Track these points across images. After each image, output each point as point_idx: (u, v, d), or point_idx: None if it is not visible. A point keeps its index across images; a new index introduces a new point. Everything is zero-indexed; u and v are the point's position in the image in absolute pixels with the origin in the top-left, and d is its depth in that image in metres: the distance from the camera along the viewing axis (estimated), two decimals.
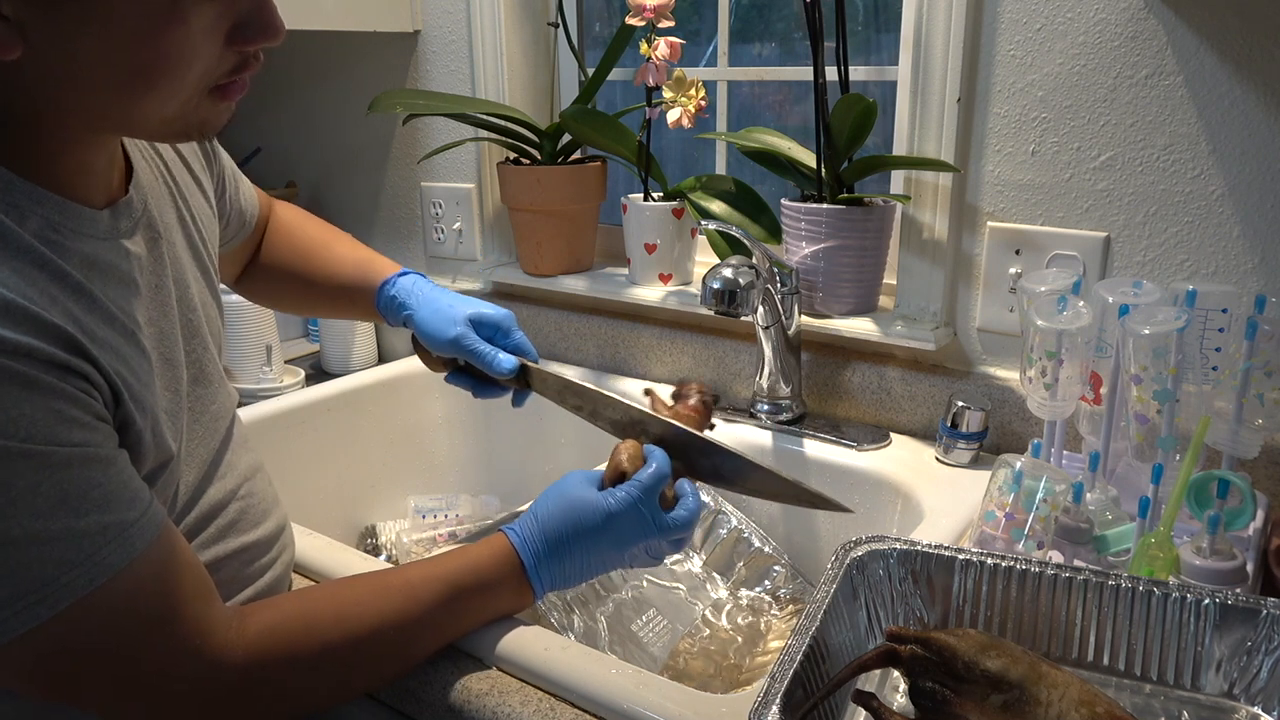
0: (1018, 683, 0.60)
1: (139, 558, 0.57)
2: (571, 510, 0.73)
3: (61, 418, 0.54)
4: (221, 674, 0.61)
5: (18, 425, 0.52)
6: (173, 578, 0.60)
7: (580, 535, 0.73)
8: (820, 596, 0.69)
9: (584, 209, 1.37)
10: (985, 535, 0.82)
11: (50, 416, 0.53)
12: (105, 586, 0.56)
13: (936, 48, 1.03)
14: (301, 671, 0.65)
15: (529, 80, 1.45)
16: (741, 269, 1.01)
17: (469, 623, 0.73)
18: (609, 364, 1.36)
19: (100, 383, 0.57)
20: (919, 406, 1.11)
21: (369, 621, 0.67)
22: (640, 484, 0.74)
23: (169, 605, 0.59)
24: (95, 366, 0.57)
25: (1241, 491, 0.77)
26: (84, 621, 0.56)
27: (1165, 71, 0.93)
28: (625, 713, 0.65)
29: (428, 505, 1.31)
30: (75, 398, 0.55)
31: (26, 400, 0.52)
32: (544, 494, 0.76)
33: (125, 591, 0.57)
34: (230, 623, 0.63)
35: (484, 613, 0.73)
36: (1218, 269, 0.95)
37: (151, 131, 0.61)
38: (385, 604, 0.68)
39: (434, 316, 0.91)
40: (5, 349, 0.51)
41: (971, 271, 1.09)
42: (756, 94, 1.35)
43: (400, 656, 0.70)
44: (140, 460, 0.61)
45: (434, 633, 0.71)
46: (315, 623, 0.66)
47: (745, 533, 1.09)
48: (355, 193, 1.67)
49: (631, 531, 0.74)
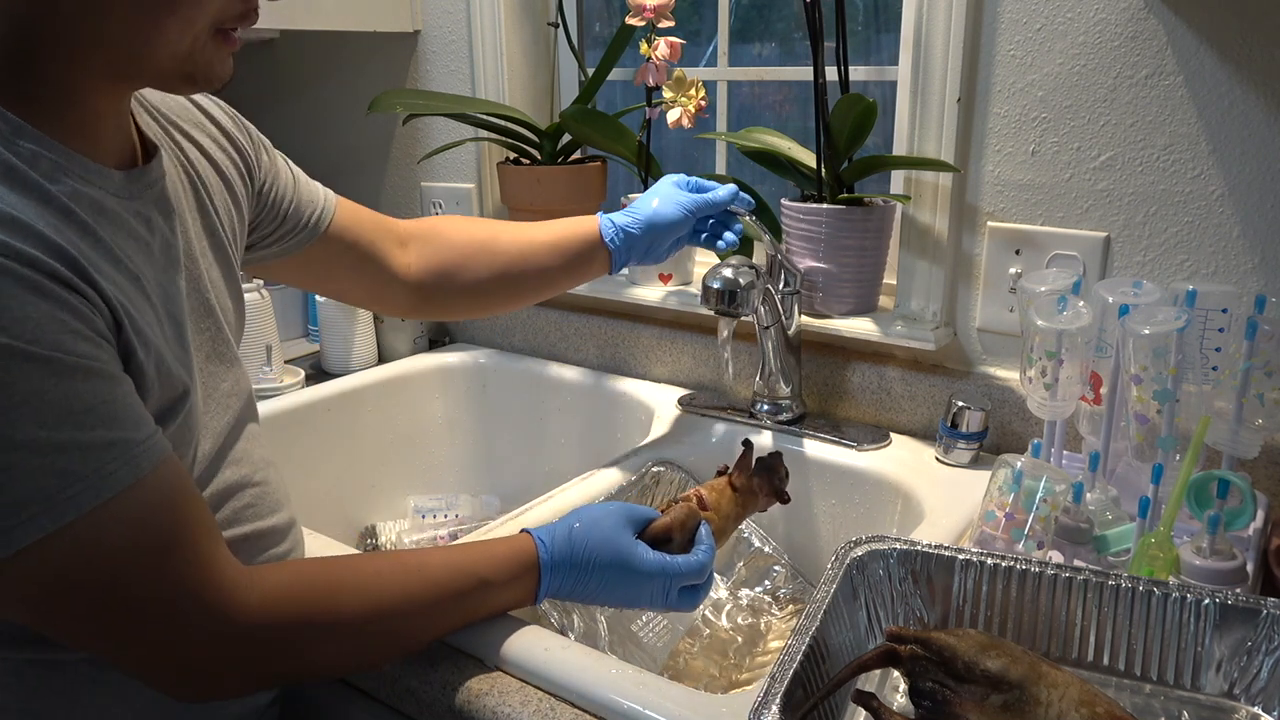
0: (1018, 683, 0.60)
1: (146, 480, 0.56)
2: (606, 545, 0.74)
3: (66, 327, 0.54)
4: (230, 619, 0.60)
5: (23, 326, 0.51)
6: (182, 508, 0.59)
7: (602, 571, 0.73)
8: (820, 596, 0.69)
9: (584, 209, 1.36)
10: (985, 535, 0.82)
11: (55, 324, 0.53)
12: (111, 504, 0.54)
13: (936, 48, 1.03)
14: (314, 633, 0.64)
15: (529, 80, 1.45)
16: (741, 269, 1.01)
17: (476, 614, 0.73)
18: (609, 364, 1.36)
19: (101, 306, 0.57)
20: (919, 406, 1.11)
21: (387, 595, 0.67)
22: (678, 566, 0.75)
23: (176, 535, 0.58)
24: (96, 290, 0.57)
25: (1241, 491, 0.77)
26: (87, 540, 0.54)
27: (1165, 71, 0.93)
28: (625, 713, 0.65)
29: (428, 505, 1.31)
30: (78, 311, 0.55)
31: (32, 304, 0.52)
32: (585, 514, 0.76)
33: (131, 513, 0.56)
34: (243, 573, 0.62)
35: (491, 606, 0.73)
36: (1218, 269, 0.95)
37: (163, 69, 0.61)
38: (405, 580, 0.69)
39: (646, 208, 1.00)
40: (9, 254, 0.52)
41: (971, 271, 1.09)
42: (756, 94, 1.35)
43: (410, 635, 0.70)
44: (145, 392, 0.61)
45: (444, 618, 0.71)
46: (334, 588, 0.65)
47: (745, 532, 1.09)
48: (355, 193, 1.65)
49: (645, 596, 0.75)
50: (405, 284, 0.97)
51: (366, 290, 0.97)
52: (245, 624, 0.60)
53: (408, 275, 0.97)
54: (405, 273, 0.97)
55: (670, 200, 0.99)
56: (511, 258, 0.99)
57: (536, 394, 1.39)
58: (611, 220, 1.00)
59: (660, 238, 1.00)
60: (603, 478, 1.03)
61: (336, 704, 0.81)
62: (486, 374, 1.44)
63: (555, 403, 1.38)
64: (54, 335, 0.53)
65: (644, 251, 1.01)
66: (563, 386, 1.37)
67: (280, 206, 0.87)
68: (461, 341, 1.54)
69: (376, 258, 0.95)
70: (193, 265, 0.72)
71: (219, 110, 0.81)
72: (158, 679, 0.60)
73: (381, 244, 0.95)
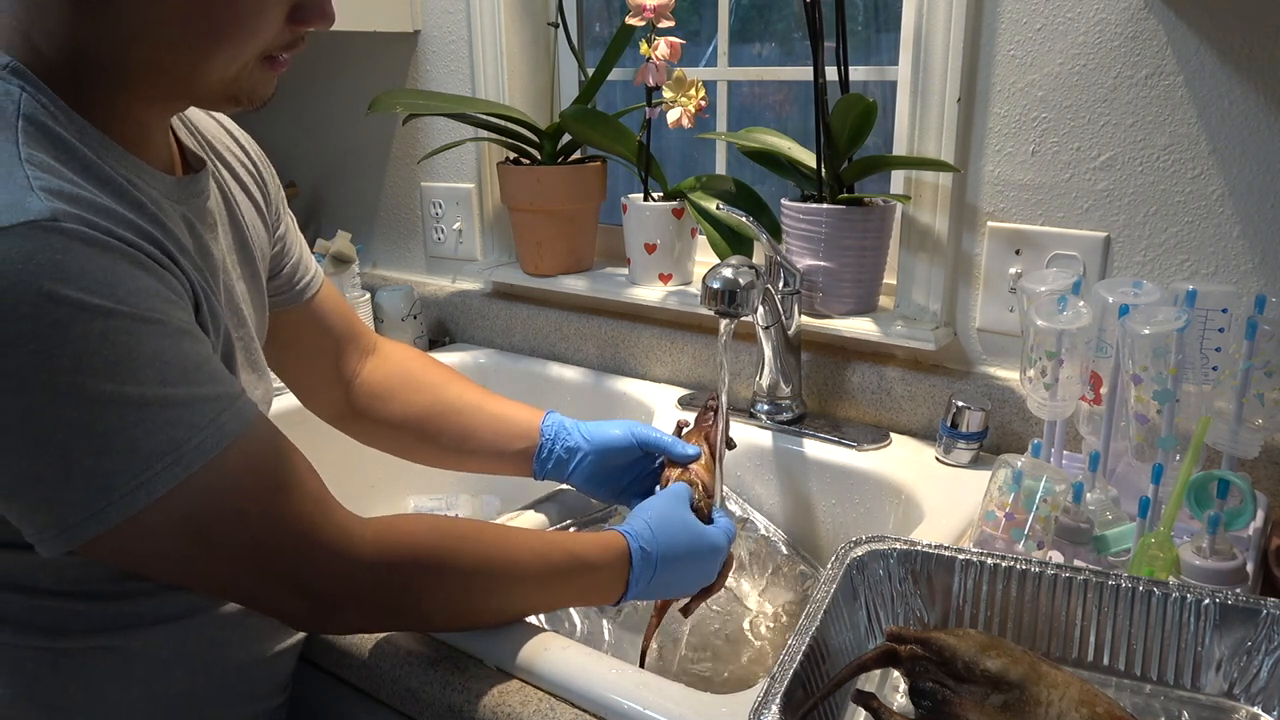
0: (1018, 683, 0.60)
1: (251, 429, 0.60)
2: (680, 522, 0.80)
3: (168, 298, 0.58)
4: (347, 552, 0.63)
5: (138, 297, 0.55)
6: (286, 453, 0.63)
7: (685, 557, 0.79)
8: (820, 596, 0.69)
9: (584, 209, 1.37)
10: (985, 535, 0.82)
11: (161, 294, 0.57)
12: (229, 450, 0.59)
13: (936, 48, 1.03)
14: (425, 575, 0.67)
15: (529, 80, 1.45)
16: (741, 269, 1.01)
17: (570, 588, 0.75)
18: (609, 364, 1.36)
19: (186, 284, 0.62)
20: (919, 406, 1.11)
21: (494, 551, 0.71)
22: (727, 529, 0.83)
23: (288, 476, 0.62)
24: (181, 269, 0.61)
25: (1241, 491, 0.77)
26: (214, 486, 0.58)
27: (1165, 71, 0.93)
28: (625, 713, 0.65)
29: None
30: (173, 285, 0.59)
31: (140, 277, 0.56)
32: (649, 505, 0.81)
33: (246, 459, 0.60)
34: (353, 515, 0.66)
35: (584, 585, 0.75)
36: (1218, 269, 0.95)
37: (210, 91, 0.63)
38: (507, 540, 0.72)
39: (598, 429, 0.95)
40: (112, 235, 0.55)
41: (971, 271, 1.09)
42: (756, 94, 1.35)
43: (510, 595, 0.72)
44: None
45: (540, 585, 0.73)
46: (442, 534, 0.69)
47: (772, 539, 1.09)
48: (355, 193, 1.67)
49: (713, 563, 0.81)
50: (343, 389, 0.95)
51: (305, 375, 0.94)
52: (361, 558, 0.64)
53: (350, 381, 0.95)
54: (348, 377, 0.95)
55: (623, 426, 0.95)
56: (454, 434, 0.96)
57: (536, 394, 1.39)
58: (561, 423, 0.96)
59: (603, 457, 0.93)
60: None
61: (337, 704, 0.81)
62: (487, 374, 1.44)
63: (555, 403, 1.37)
64: (162, 304, 0.57)
65: (586, 468, 0.93)
66: (563, 386, 1.37)
67: (282, 258, 0.87)
68: (462, 341, 1.54)
69: (334, 351, 0.94)
70: (227, 276, 0.73)
71: (249, 143, 0.84)
72: (288, 612, 0.65)
73: (346, 342, 0.94)
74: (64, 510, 0.55)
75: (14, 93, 0.57)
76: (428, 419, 0.95)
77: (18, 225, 0.51)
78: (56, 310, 0.52)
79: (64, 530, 0.55)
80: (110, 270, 0.54)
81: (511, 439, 0.94)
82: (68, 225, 0.53)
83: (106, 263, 0.54)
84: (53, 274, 0.52)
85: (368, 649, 0.75)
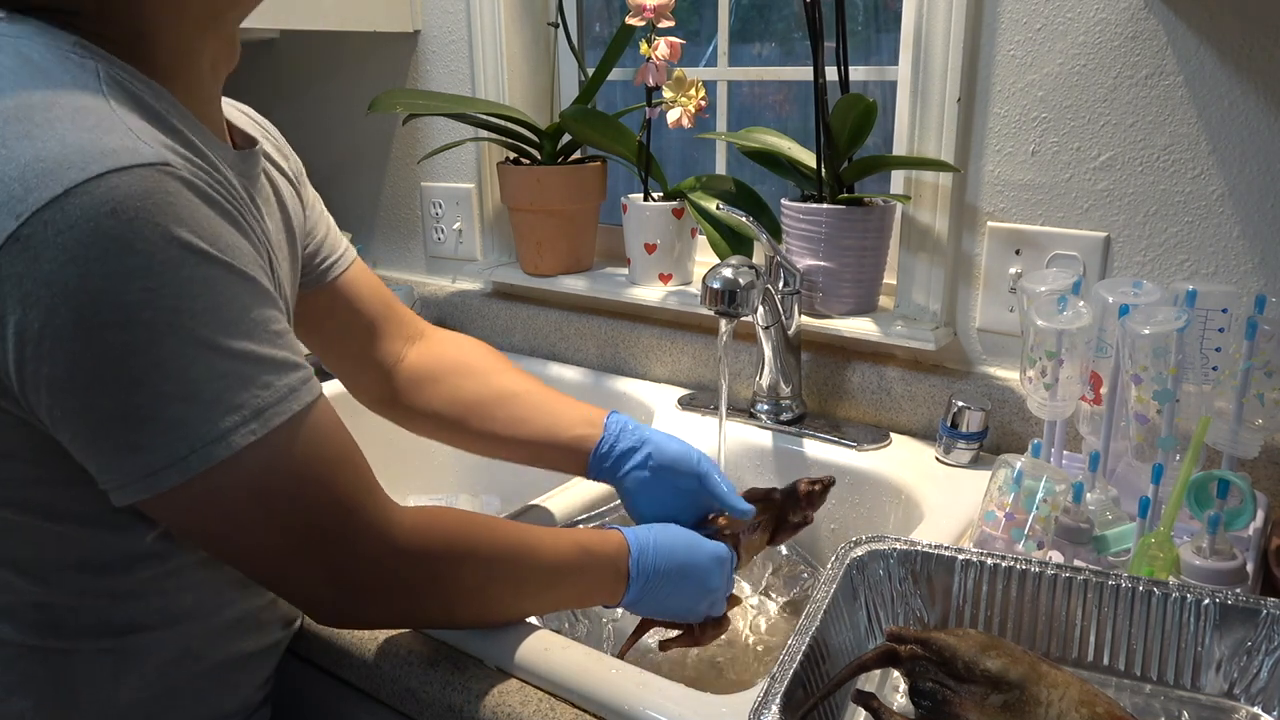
0: (1018, 683, 0.60)
1: (319, 401, 0.61)
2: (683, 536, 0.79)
3: (255, 259, 0.58)
4: (389, 536, 0.63)
5: (236, 251, 0.56)
6: (343, 432, 0.63)
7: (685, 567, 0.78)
8: (820, 596, 0.69)
9: (584, 209, 1.37)
10: (985, 535, 0.82)
11: (250, 253, 0.58)
12: (299, 417, 0.58)
13: (936, 48, 1.03)
14: (453, 565, 0.67)
15: (529, 80, 1.45)
16: (741, 269, 1.01)
17: (580, 586, 0.75)
18: (609, 364, 1.36)
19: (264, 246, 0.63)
20: (919, 406, 1.11)
21: (511, 538, 0.71)
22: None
23: (345, 453, 0.62)
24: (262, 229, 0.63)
25: (1241, 491, 0.77)
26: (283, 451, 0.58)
27: (1165, 71, 0.93)
28: (625, 713, 0.65)
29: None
30: (257, 245, 0.60)
31: (235, 234, 0.57)
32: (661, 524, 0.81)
33: (312, 430, 0.59)
34: (396, 505, 0.65)
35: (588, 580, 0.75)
36: (1218, 269, 0.95)
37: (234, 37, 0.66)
38: (517, 528, 0.72)
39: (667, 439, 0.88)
40: (213, 186, 0.57)
41: (971, 271, 1.09)
42: (756, 94, 1.35)
43: (521, 584, 0.72)
44: None
45: (550, 577, 0.73)
46: (465, 522, 0.69)
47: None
48: (355, 193, 1.67)
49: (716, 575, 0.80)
50: (384, 373, 0.92)
51: (339, 360, 0.92)
52: (399, 544, 0.64)
53: (393, 366, 0.92)
54: (389, 362, 0.92)
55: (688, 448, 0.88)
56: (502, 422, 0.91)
57: None
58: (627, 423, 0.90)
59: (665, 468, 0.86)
60: None
61: (337, 704, 0.81)
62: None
63: None
64: (252, 260, 0.58)
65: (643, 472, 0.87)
66: (563, 386, 1.37)
67: (309, 239, 0.86)
68: None
69: (368, 332, 0.90)
70: (273, 254, 0.72)
71: (271, 126, 0.84)
72: (312, 597, 0.63)
73: (383, 323, 0.91)
74: (148, 456, 0.54)
75: (89, 64, 0.57)
76: (476, 404, 0.91)
77: (136, 166, 0.52)
78: (169, 249, 0.52)
79: (146, 476, 0.54)
80: (215, 220, 0.55)
81: (570, 424, 0.89)
82: (179, 172, 0.54)
83: (211, 213, 0.55)
84: (169, 214, 0.52)
85: (368, 649, 0.75)
